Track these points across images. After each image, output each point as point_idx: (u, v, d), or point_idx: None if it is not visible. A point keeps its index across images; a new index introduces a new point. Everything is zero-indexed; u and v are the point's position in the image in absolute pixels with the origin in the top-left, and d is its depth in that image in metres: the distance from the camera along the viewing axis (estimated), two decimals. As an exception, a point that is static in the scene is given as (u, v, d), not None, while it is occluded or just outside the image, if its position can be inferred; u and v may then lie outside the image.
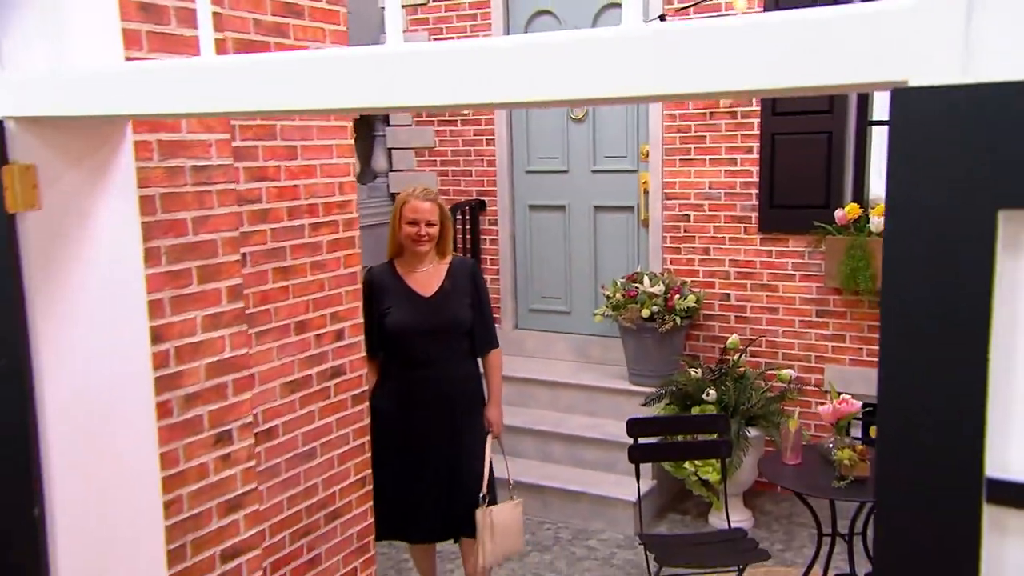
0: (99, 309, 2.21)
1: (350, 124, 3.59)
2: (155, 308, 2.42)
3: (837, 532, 4.20)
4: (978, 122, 1.17)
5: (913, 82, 1.16)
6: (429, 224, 3.51)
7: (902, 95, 1.19)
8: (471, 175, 6.49)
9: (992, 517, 1.27)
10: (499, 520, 3.63)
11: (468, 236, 6.48)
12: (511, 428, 5.53)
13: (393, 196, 6.81)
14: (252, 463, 2.81)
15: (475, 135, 6.42)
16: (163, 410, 2.43)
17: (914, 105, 1.18)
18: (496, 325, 6.28)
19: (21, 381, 2.03)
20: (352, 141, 3.60)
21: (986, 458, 1.29)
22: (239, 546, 2.79)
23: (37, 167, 1.99)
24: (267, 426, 3.10)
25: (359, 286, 3.63)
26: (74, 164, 2.12)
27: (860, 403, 4.29)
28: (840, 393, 4.33)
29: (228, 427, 2.74)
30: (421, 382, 3.58)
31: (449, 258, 3.68)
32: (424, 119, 6.64)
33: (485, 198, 6.49)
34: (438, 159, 6.60)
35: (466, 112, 6.48)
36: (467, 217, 6.44)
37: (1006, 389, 1.25)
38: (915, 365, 1.25)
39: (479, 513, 3.59)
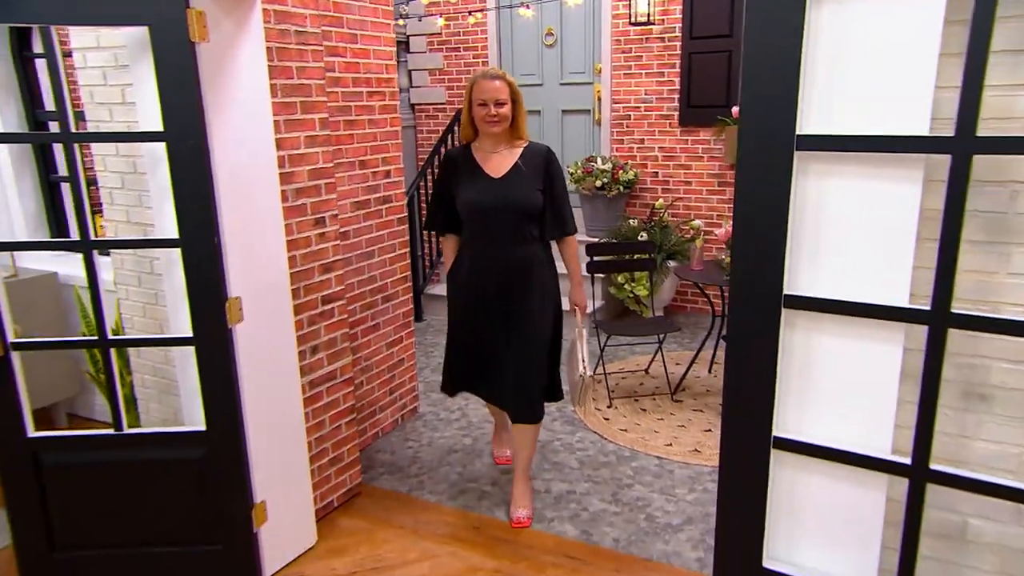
0: (243, 116, 2.43)
1: (391, 22, 3.62)
2: (274, 126, 2.57)
3: (725, 313, 4.35)
4: None
5: None
6: (499, 103, 2.74)
7: None
8: None
9: (786, 317, 1.63)
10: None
11: None
12: None
13: (414, 107, 6.95)
14: (338, 241, 3.02)
15: (473, 58, 6.42)
16: (282, 196, 2.65)
17: None
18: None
19: (202, 155, 2.27)
20: (393, 35, 3.72)
21: (784, 280, 1.61)
22: (332, 296, 3.01)
23: (205, 13, 2.22)
24: (343, 229, 3.30)
25: (400, 141, 3.85)
26: (227, 15, 2.31)
27: None
28: (731, 223, 4.65)
29: (323, 214, 2.91)
30: (486, 260, 2.87)
31: (524, 142, 2.89)
32: (435, 47, 6.61)
33: None
34: (445, 78, 6.61)
35: (466, 40, 6.53)
36: None
37: (799, 233, 1.60)
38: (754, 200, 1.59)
39: (580, 382, 3.04)
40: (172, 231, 2.40)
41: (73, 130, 2.29)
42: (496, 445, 3.55)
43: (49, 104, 3.94)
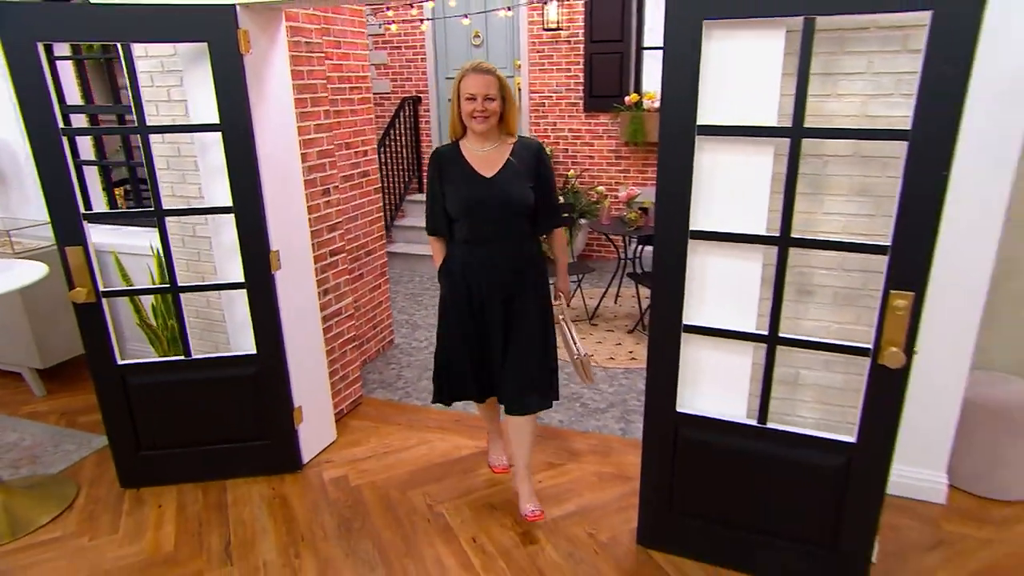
0: (276, 111, 2.67)
1: (364, 30, 3.82)
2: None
3: (627, 256, 4.91)
4: None
5: None
6: (488, 99, 2.27)
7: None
8: (411, 81, 6.64)
9: (691, 245, 2.01)
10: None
11: (414, 118, 6.70)
12: None
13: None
14: (340, 207, 3.38)
15: (413, 55, 6.54)
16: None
17: None
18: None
19: (250, 141, 2.51)
20: (366, 40, 3.99)
21: (690, 220, 1.98)
22: (336, 249, 3.29)
23: (249, 31, 2.46)
24: (338, 196, 3.55)
25: (373, 126, 4.12)
26: (262, 32, 2.55)
27: (638, 191, 4.91)
28: (630, 187, 5.03)
29: (327, 186, 3.18)
30: (480, 260, 2.41)
31: (515, 138, 2.42)
32: (380, 46, 6.68)
33: (420, 95, 6.67)
34: (389, 71, 6.70)
35: (407, 39, 6.66)
36: (412, 106, 6.64)
37: (698, 189, 1.95)
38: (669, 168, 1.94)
39: (578, 363, 2.66)
40: (222, 201, 2.68)
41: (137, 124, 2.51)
42: (491, 453, 3.01)
43: (69, 99, 3.97)
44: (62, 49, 3.86)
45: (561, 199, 5.78)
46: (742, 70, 1.90)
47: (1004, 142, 2.22)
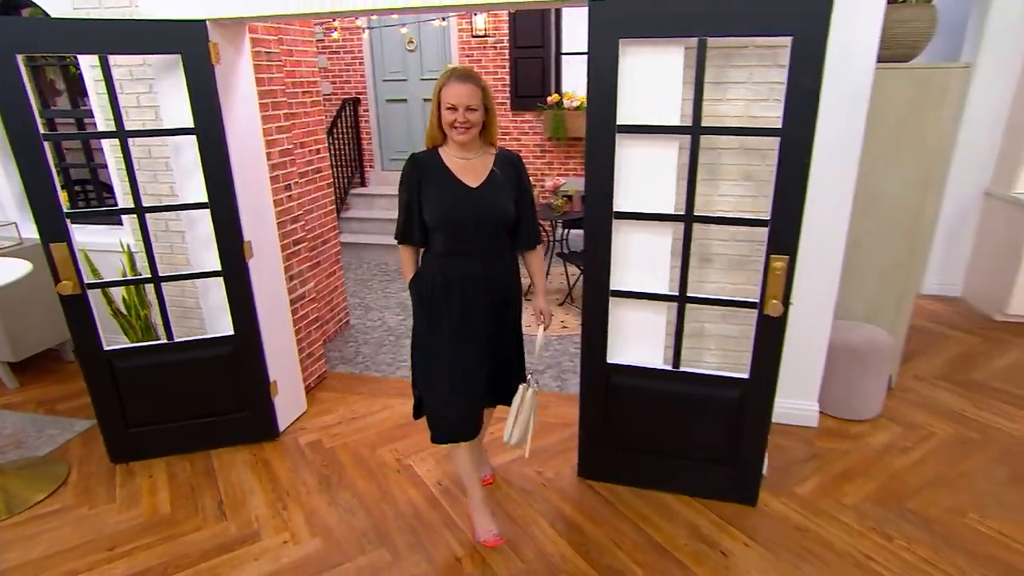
0: (243, 115, 2.73)
1: (313, 39, 3.90)
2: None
3: (555, 239, 5.16)
4: (611, 12, 2.09)
5: None
6: (470, 109, 2.00)
7: (593, 4, 2.06)
8: (351, 83, 6.62)
9: (615, 224, 2.19)
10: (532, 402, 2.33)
11: (354, 118, 6.66)
12: (391, 219, 6.15)
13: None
14: (300, 200, 3.43)
15: (352, 59, 6.53)
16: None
17: (595, 7, 2.10)
18: (369, 167, 6.89)
19: (222, 143, 2.58)
20: (315, 48, 4.05)
21: (614, 203, 2.18)
22: (299, 239, 3.39)
23: (219, 44, 2.54)
24: (297, 191, 3.65)
25: (323, 126, 4.18)
26: (229, 44, 2.62)
27: (563, 180, 5.14)
28: (556, 177, 5.34)
29: (289, 182, 3.27)
30: (466, 272, 2.12)
31: (495, 148, 2.19)
32: (319, 51, 6.68)
33: (360, 96, 6.65)
34: (330, 74, 6.64)
35: (345, 45, 6.68)
36: (352, 107, 6.62)
37: (619, 177, 2.15)
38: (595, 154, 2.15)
39: (522, 389, 2.31)
40: (197, 198, 2.74)
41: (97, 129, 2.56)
42: (479, 524, 2.38)
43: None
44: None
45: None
46: (652, 79, 2.16)
47: (850, 137, 2.59)
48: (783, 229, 2.10)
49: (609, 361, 2.50)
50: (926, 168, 2.99)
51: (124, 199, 3.13)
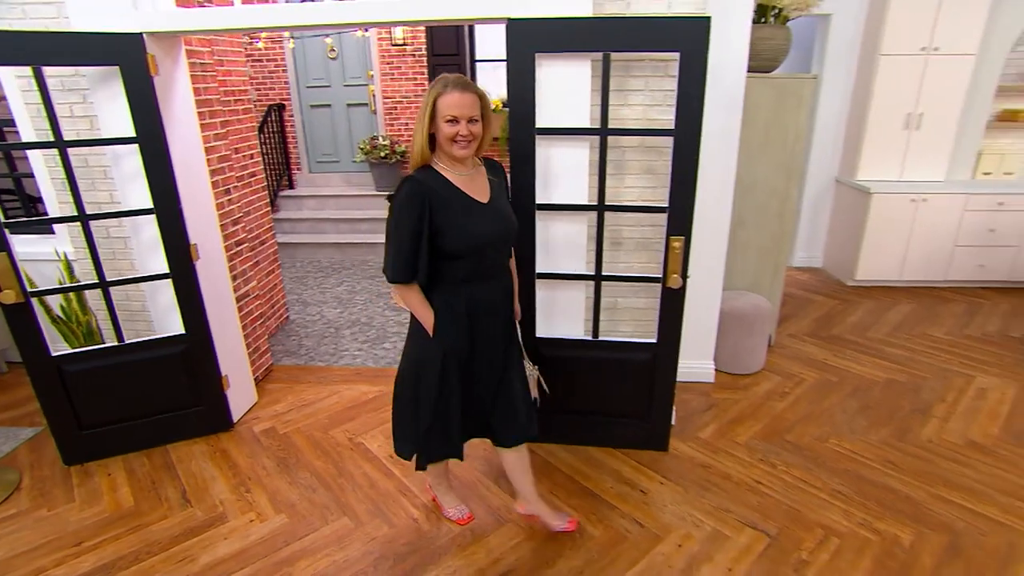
0: (183, 123, 2.69)
1: (242, 49, 3.86)
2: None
3: None
4: (526, 30, 2.22)
5: (513, 15, 2.20)
6: (472, 121, 1.71)
7: (511, 22, 2.20)
8: (275, 89, 6.42)
9: (538, 216, 2.21)
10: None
11: (279, 123, 6.46)
12: (320, 219, 6.11)
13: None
14: (240, 203, 3.39)
15: (275, 67, 6.33)
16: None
17: (513, 25, 2.22)
18: (297, 170, 6.72)
19: (164, 150, 2.53)
20: (244, 58, 3.94)
21: (536, 196, 2.26)
22: (240, 240, 3.32)
23: (156, 56, 2.47)
24: (236, 195, 3.57)
25: (255, 132, 4.08)
26: (166, 55, 2.56)
27: None
28: None
29: (228, 186, 3.20)
30: (486, 299, 1.88)
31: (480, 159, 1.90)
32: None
33: (284, 102, 6.47)
34: (254, 81, 6.41)
35: (268, 52, 6.49)
36: (277, 112, 6.41)
37: (539, 173, 2.23)
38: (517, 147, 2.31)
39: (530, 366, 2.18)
40: (141, 204, 2.67)
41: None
42: (447, 505, 2.38)
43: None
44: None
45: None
46: (564, 88, 2.30)
47: (729, 135, 2.87)
48: (679, 214, 2.33)
49: (538, 335, 2.65)
50: (788, 160, 3.34)
51: (59, 208, 2.97)
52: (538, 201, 2.42)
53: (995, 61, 4.54)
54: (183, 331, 2.82)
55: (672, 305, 2.48)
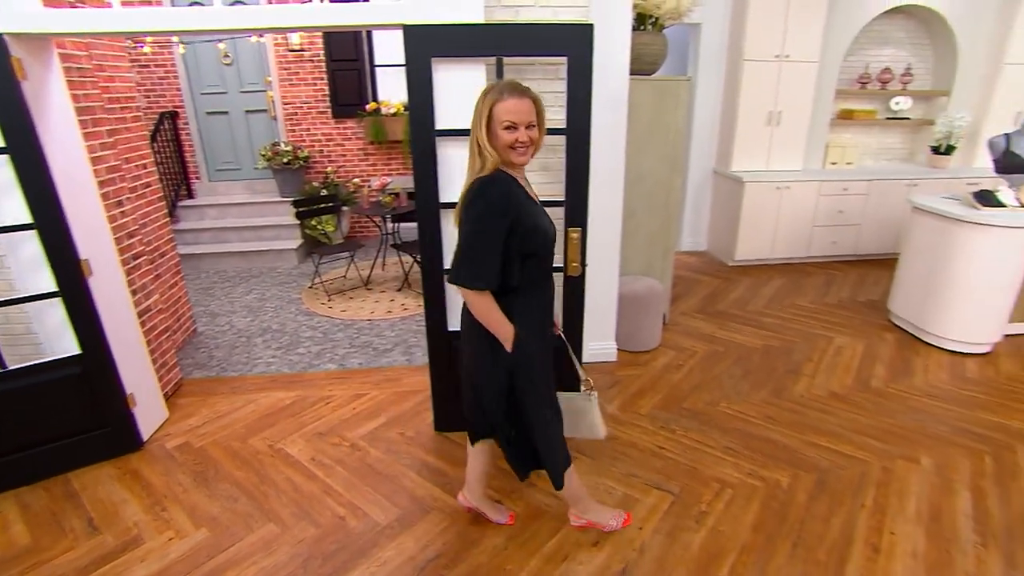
0: (62, 131, 2.48)
1: (126, 53, 3.53)
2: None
3: (387, 232, 5.22)
4: (422, 35, 2.21)
5: (408, 21, 2.18)
6: (530, 126, 1.65)
7: (408, 28, 2.21)
8: (166, 96, 6.00)
9: (443, 214, 2.28)
10: None
11: (173, 131, 6.07)
12: (223, 228, 5.82)
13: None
14: (134, 215, 3.13)
15: (165, 73, 5.92)
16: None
17: (409, 31, 2.21)
18: (195, 179, 6.32)
19: (41, 160, 2.34)
20: (128, 63, 3.63)
21: (439, 195, 2.29)
22: (137, 253, 3.07)
23: (21, 59, 2.27)
24: (130, 207, 3.29)
25: (147, 140, 3.78)
26: (35, 59, 2.36)
27: (388, 179, 5.22)
28: (381, 177, 5.37)
29: (120, 198, 2.96)
30: (551, 299, 1.85)
31: None
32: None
33: (177, 109, 6.06)
34: (143, 88, 5.95)
35: (156, 59, 6.06)
36: (170, 120, 6.02)
37: (440, 172, 2.30)
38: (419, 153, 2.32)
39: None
40: (16, 219, 2.42)
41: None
42: (474, 489, 2.27)
43: None
44: None
45: (324, 192, 5.84)
46: (461, 91, 2.32)
47: (616, 132, 3.03)
48: (575, 206, 2.43)
49: (449, 329, 2.68)
50: (671, 153, 3.57)
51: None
52: (442, 200, 2.44)
53: (832, 67, 5.07)
54: (79, 351, 2.59)
55: (575, 291, 2.58)
